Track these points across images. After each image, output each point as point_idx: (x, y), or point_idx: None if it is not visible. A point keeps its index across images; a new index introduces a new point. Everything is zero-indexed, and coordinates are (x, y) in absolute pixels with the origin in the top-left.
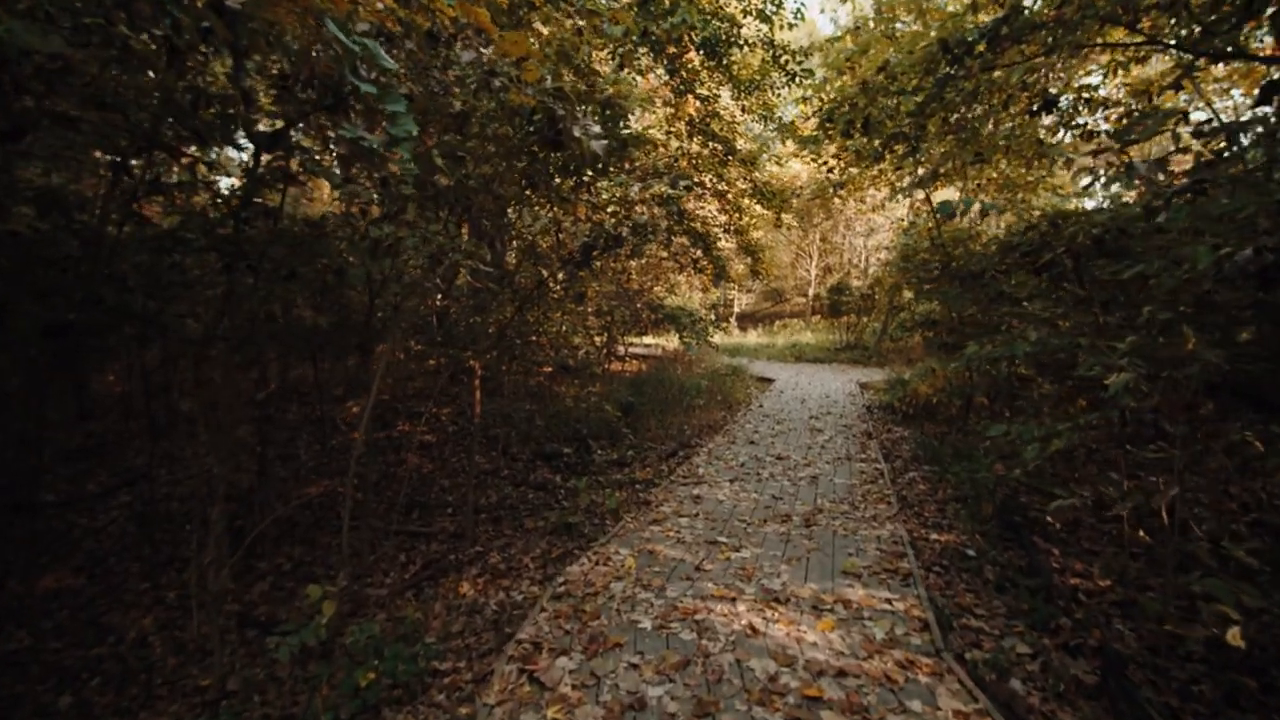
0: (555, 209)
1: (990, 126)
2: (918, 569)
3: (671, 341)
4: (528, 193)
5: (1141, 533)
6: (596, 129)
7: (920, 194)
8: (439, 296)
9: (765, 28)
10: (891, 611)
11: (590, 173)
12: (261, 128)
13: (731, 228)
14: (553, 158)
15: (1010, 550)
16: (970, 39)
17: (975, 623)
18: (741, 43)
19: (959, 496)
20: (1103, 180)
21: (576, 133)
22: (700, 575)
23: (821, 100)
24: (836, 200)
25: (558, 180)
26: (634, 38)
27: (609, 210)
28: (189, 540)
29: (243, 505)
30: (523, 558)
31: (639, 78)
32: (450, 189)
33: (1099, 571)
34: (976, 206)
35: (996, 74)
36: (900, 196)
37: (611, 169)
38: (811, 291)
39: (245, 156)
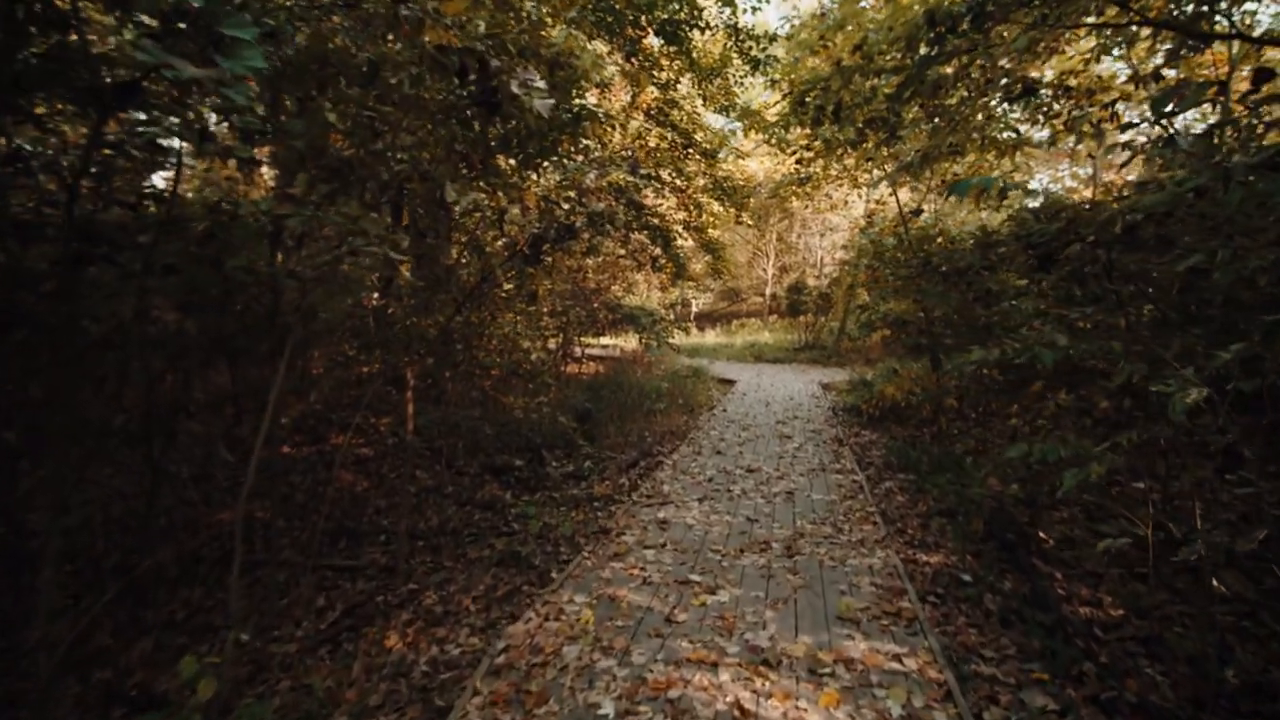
0: (500, 195)
1: (968, 114)
2: (922, 611)
3: (630, 342)
4: (464, 172)
5: (1216, 583)
6: (540, 84)
7: (898, 183)
8: (375, 295)
9: (728, 11)
10: (904, 673)
11: (537, 151)
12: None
13: (691, 224)
14: (493, 129)
15: (1008, 573)
16: (957, 10)
17: (986, 669)
18: (703, 25)
19: (943, 510)
20: (1143, 155)
21: (515, 89)
22: (672, 630)
23: (791, 84)
24: (794, 200)
25: (501, 160)
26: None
27: (563, 198)
28: (68, 584)
29: (140, 539)
30: (462, 598)
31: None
32: (361, 162)
33: (1111, 599)
34: (997, 187)
35: (982, 54)
36: (868, 190)
37: (563, 147)
38: (769, 291)
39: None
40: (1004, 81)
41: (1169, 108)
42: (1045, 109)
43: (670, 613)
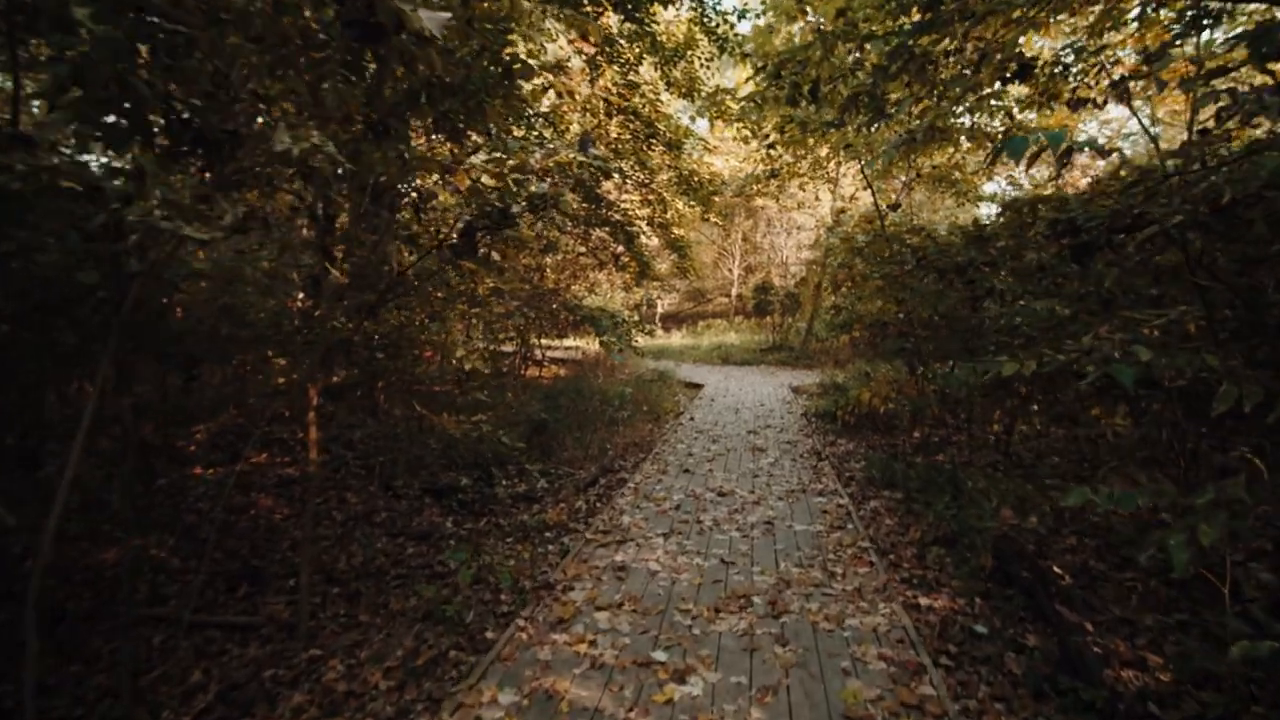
0: (424, 175)
1: (959, 93)
2: (949, 695)
3: (594, 343)
4: (365, 136)
5: None
6: None
7: (875, 175)
8: (300, 295)
9: None
10: None
11: (459, 113)
12: None
13: (655, 221)
14: (391, 85)
15: (1028, 623)
16: None
17: None
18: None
19: (940, 538)
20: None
21: None
22: None
23: (764, 57)
24: (760, 197)
25: (415, 126)
26: None
27: (492, 174)
28: None
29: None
30: (373, 671)
31: (547, 44)
32: (190, 108)
33: (1156, 658)
34: (1065, 145)
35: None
36: (835, 188)
37: (494, 110)
38: (735, 291)
39: None
40: (998, 58)
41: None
42: (1043, 90)
43: (626, 718)
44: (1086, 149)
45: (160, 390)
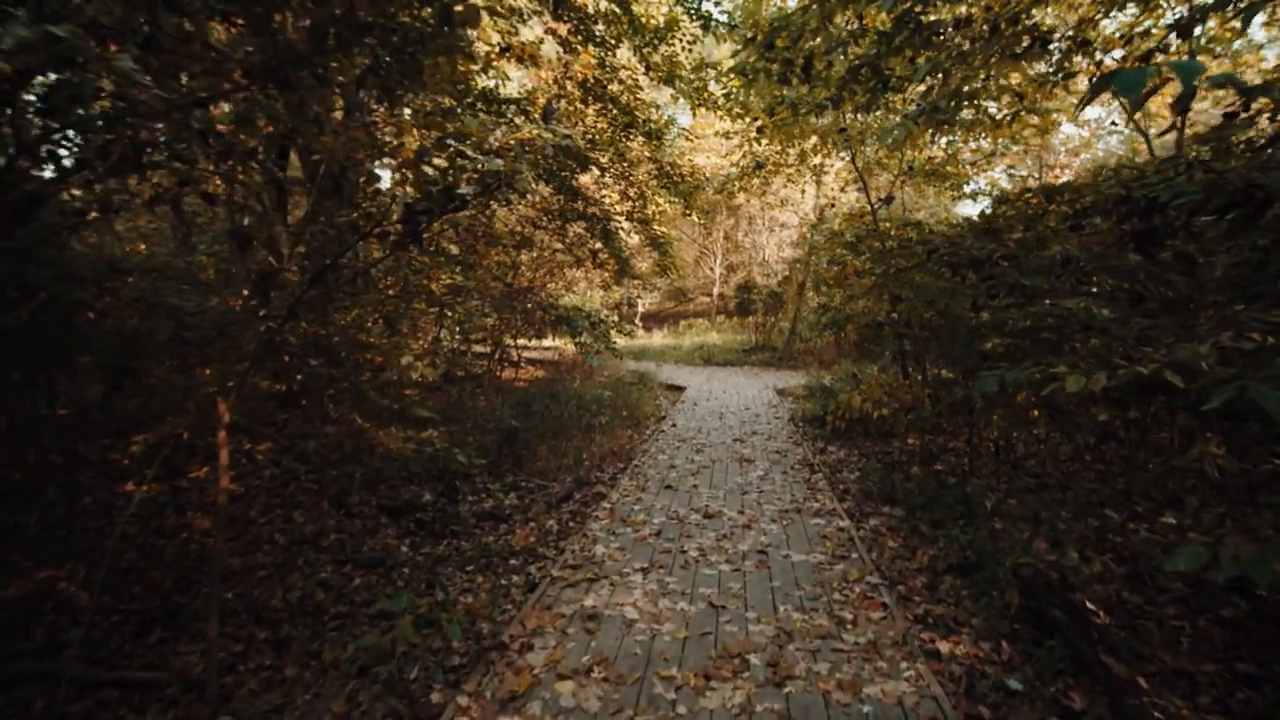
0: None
1: (971, 67)
2: None
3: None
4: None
5: None
6: None
7: (910, 134)
8: (244, 292)
9: None
10: None
11: (389, 64)
12: None
13: (634, 217)
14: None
15: (1068, 676)
16: None
17: None
18: None
19: (953, 565)
20: None
21: None
22: None
23: (755, 27)
24: (742, 194)
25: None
26: None
27: (429, 140)
28: None
29: None
30: None
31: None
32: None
33: None
34: (1201, 78)
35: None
36: (818, 186)
37: (437, 66)
38: (716, 290)
39: None
40: (1010, 31)
41: None
42: (1057, 68)
43: None
44: (1226, 86)
45: (91, 397)
